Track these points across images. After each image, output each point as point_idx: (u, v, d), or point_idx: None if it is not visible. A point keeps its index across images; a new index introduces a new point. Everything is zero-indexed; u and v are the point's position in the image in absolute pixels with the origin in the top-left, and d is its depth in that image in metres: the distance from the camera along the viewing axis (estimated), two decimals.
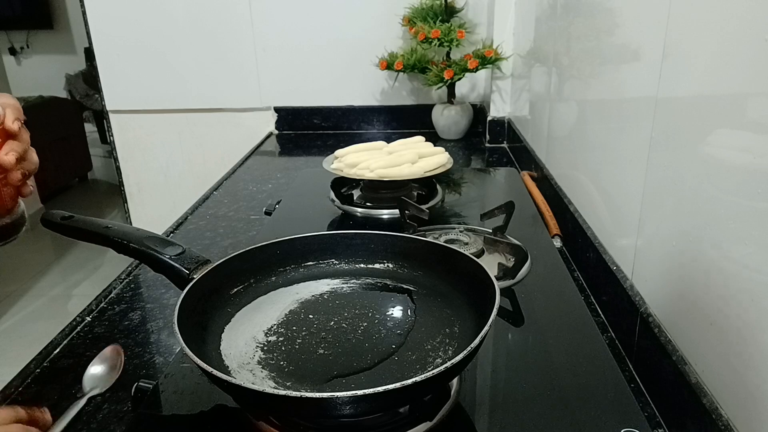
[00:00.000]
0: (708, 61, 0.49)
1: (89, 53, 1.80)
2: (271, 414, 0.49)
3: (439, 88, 1.56)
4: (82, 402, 0.55)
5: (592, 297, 0.77)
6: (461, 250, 0.61)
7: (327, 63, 1.69)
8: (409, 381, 0.41)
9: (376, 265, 0.66)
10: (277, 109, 1.75)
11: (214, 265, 0.58)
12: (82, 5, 1.65)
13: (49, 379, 0.60)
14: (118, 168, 1.83)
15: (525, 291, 0.70)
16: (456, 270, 0.60)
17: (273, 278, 0.64)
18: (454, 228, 0.86)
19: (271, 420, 0.49)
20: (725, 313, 0.46)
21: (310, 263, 0.66)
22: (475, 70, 1.46)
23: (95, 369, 0.60)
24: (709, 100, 0.49)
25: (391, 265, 0.66)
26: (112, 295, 0.78)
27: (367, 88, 1.71)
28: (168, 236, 0.86)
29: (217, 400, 0.52)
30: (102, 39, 1.68)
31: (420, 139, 1.13)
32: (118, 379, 0.59)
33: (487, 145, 1.57)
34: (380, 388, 0.40)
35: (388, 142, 1.10)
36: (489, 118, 1.55)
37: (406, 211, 0.87)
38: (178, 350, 0.63)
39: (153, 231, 0.61)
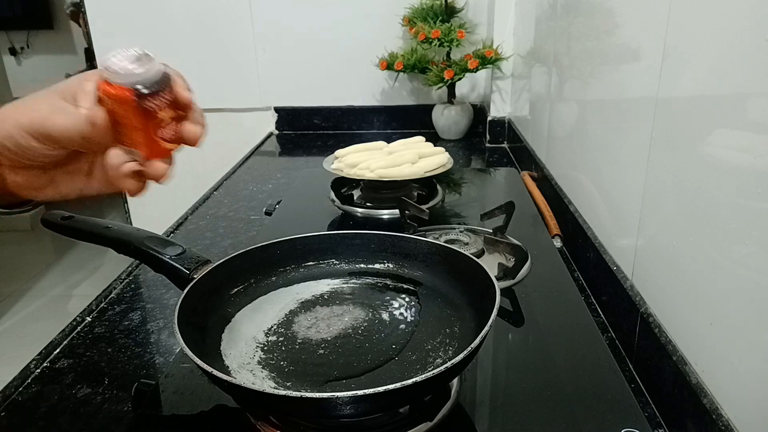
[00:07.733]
0: (708, 61, 0.49)
1: (89, 53, 1.80)
2: (271, 414, 0.49)
3: (439, 88, 1.56)
4: None
5: (592, 297, 0.77)
6: (461, 251, 0.61)
7: (327, 63, 1.69)
8: (409, 381, 0.41)
9: (377, 265, 0.66)
10: (277, 109, 1.75)
11: (214, 265, 0.58)
12: (83, 5, 1.65)
13: (49, 379, 0.60)
14: None
15: (525, 291, 0.70)
16: (456, 270, 0.60)
17: (273, 278, 0.64)
18: (455, 228, 0.86)
19: (271, 420, 0.49)
20: (725, 313, 0.46)
21: (310, 263, 0.66)
22: (475, 70, 1.46)
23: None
24: (709, 100, 0.49)
25: (391, 265, 0.66)
26: (112, 295, 0.78)
27: (367, 88, 1.71)
28: (168, 236, 0.86)
29: (217, 400, 0.52)
30: (102, 39, 1.68)
31: (420, 139, 1.13)
32: (119, 378, 0.59)
33: (487, 145, 1.57)
34: (380, 388, 0.40)
35: (388, 142, 1.10)
36: (489, 118, 1.55)
37: (406, 211, 0.87)
38: (178, 350, 0.63)
39: (153, 231, 0.61)
